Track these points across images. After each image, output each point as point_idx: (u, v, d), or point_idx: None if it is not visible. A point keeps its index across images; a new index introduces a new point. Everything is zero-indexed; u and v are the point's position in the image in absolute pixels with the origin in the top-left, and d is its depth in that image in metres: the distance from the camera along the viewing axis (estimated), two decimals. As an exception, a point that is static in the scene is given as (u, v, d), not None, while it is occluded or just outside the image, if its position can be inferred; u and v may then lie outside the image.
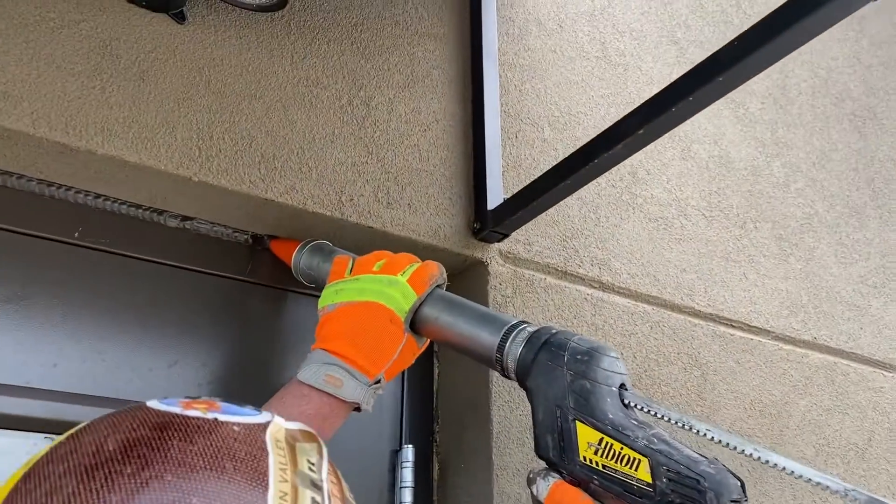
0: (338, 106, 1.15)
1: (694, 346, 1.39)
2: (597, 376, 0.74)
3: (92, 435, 0.43)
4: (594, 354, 0.76)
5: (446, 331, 0.89)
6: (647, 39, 1.70)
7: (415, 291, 0.89)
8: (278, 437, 0.46)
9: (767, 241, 1.66)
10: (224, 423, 0.45)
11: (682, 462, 0.67)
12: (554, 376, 0.76)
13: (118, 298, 1.02)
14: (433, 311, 0.90)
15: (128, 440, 0.42)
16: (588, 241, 1.35)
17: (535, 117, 1.39)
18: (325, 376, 0.83)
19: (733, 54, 0.81)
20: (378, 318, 0.87)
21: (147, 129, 0.97)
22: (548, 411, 0.76)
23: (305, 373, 0.85)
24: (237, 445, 0.43)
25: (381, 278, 0.90)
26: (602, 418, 0.72)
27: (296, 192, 1.05)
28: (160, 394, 0.99)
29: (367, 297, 0.89)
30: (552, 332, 0.80)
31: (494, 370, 0.86)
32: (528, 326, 0.84)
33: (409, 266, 0.92)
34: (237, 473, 0.41)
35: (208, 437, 0.43)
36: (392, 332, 0.88)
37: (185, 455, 0.41)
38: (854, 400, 1.61)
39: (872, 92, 2.25)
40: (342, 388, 0.83)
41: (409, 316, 0.89)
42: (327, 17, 1.21)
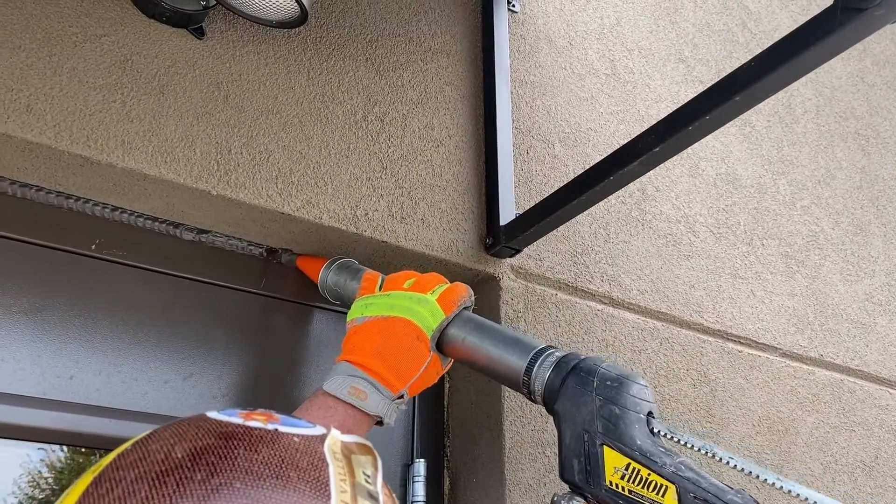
0: (353, 121, 1.16)
1: (703, 363, 1.40)
2: (626, 402, 0.74)
3: (159, 443, 0.44)
4: (624, 381, 0.76)
5: (473, 352, 0.89)
6: (655, 57, 1.72)
7: (443, 311, 0.90)
8: (335, 448, 0.47)
9: (774, 257, 1.67)
10: (284, 434, 0.46)
11: (710, 490, 0.68)
12: (583, 401, 0.77)
13: (134, 311, 1.02)
14: (460, 332, 0.91)
15: (195, 448, 0.43)
16: (598, 257, 1.35)
17: (545, 133, 1.40)
18: (350, 388, 0.84)
19: (750, 74, 0.82)
20: (405, 334, 0.88)
21: (167, 142, 0.98)
22: (575, 435, 0.76)
23: (331, 384, 0.85)
24: (299, 456, 0.44)
25: (412, 295, 0.91)
26: (630, 444, 0.72)
27: (312, 207, 1.05)
28: (176, 406, 1.00)
29: (397, 313, 0.90)
30: (581, 358, 0.81)
31: (520, 393, 0.86)
32: (556, 351, 0.84)
33: (438, 286, 0.93)
34: (301, 483, 0.42)
35: (271, 448, 0.44)
36: (418, 349, 0.88)
37: (252, 464, 0.42)
38: (861, 417, 1.61)
39: (876, 111, 2.26)
40: (366, 401, 0.84)
41: (436, 335, 0.90)
42: (343, 34, 1.22)
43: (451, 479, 1.18)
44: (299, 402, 1.08)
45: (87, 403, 0.94)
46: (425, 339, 0.89)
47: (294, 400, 1.10)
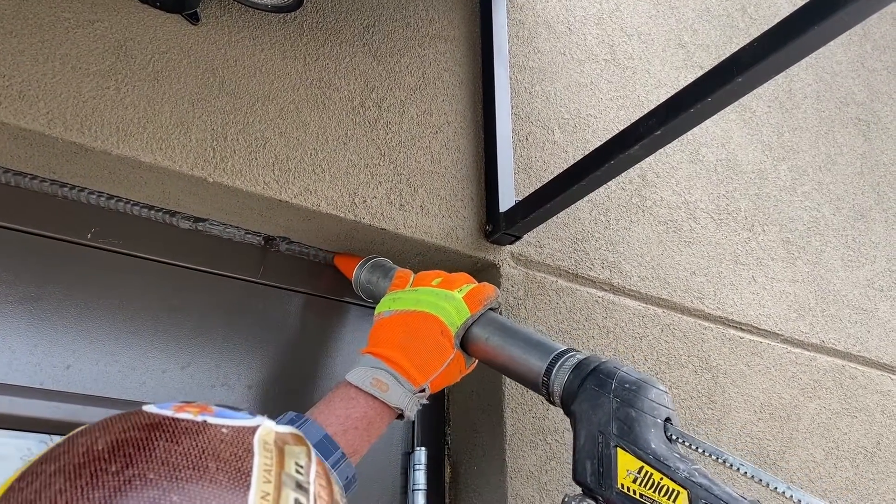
0: (350, 107, 1.15)
1: (704, 349, 1.39)
2: (643, 406, 0.74)
3: (85, 436, 0.44)
4: (642, 385, 0.76)
5: (495, 352, 0.90)
6: (655, 42, 1.70)
7: (469, 309, 0.91)
8: (267, 439, 0.46)
9: (775, 244, 1.66)
10: (212, 426, 0.45)
11: (722, 497, 0.67)
12: (600, 402, 0.76)
13: (131, 300, 1.01)
14: (484, 331, 0.91)
15: (117, 441, 0.43)
16: (598, 243, 1.34)
17: (545, 119, 1.39)
18: (373, 379, 0.84)
19: (752, 55, 0.80)
20: (430, 329, 0.89)
21: (162, 129, 0.96)
22: (590, 436, 0.76)
23: (354, 374, 0.86)
24: (223, 447, 0.44)
25: (439, 292, 0.92)
26: (645, 447, 0.72)
27: (310, 194, 1.04)
28: (173, 395, 0.99)
29: (423, 308, 0.90)
30: (601, 361, 0.81)
31: (540, 395, 0.86)
32: (577, 354, 0.84)
33: (465, 285, 0.94)
34: (219, 473, 0.42)
35: (195, 439, 0.44)
36: (442, 344, 0.89)
37: (169, 455, 0.42)
38: (862, 403, 1.61)
39: (877, 96, 2.25)
40: (388, 393, 0.84)
41: (461, 332, 0.90)
42: (339, 19, 1.21)
43: (452, 466, 1.18)
44: (296, 390, 1.08)
45: (83, 393, 0.93)
46: (449, 335, 0.89)
47: (292, 388, 1.09)
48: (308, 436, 0.80)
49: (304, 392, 1.10)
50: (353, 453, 0.82)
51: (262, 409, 1.05)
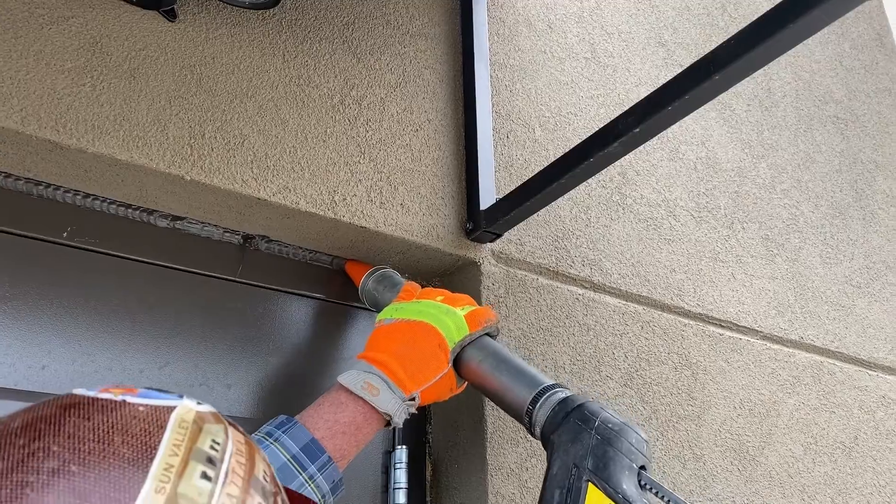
0: (330, 105, 1.14)
1: (684, 346, 1.40)
2: (622, 447, 0.75)
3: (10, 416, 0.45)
4: (625, 428, 0.77)
5: (485, 376, 0.91)
6: (635, 41, 1.71)
7: (469, 327, 0.92)
8: (185, 417, 0.47)
9: (754, 241, 1.67)
10: (130, 404, 0.46)
11: None
12: (580, 437, 0.77)
13: (108, 299, 1.00)
14: (478, 354, 0.92)
15: (33, 418, 0.44)
16: (579, 241, 1.35)
17: (525, 117, 1.39)
18: (364, 383, 0.85)
19: (729, 53, 0.81)
20: (428, 340, 0.90)
21: (138, 127, 0.95)
22: (564, 466, 0.77)
23: (346, 377, 0.87)
24: (134, 423, 0.44)
25: (441, 306, 0.94)
26: (616, 486, 0.73)
27: (289, 192, 1.04)
28: (151, 396, 0.98)
29: (424, 318, 0.92)
30: (588, 400, 0.82)
31: (521, 424, 0.87)
32: (565, 390, 0.86)
33: (468, 305, 0.96)
34: (124, 446, 0.43)
35: (107, 415, 0.44)
36: (438, 357, 0.90)
37: (77, 430, 0.43)
38: (840, 399, 1.63)
39: (854, 95, 2.27)
40: (378, 397, 0.84)
41: (457, 349, 0.91)
42: (319, 16, 1.20)
43: (434, 465, 1.18)
44: (278, 390, 1.07)
45: (59, 393, 0.92)
46: (446, 349, 0.90)
47: (273, 388, 1.09)
48: (294, 439, 0.80)
49: (285, 392, 1.10)
50: (340, 458, 0.82)
51: (243, 410, 1.05)
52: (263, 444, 0.80)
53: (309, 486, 0.77)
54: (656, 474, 1.24)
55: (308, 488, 0.77)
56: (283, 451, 0.78)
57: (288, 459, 0.77)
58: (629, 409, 1.26)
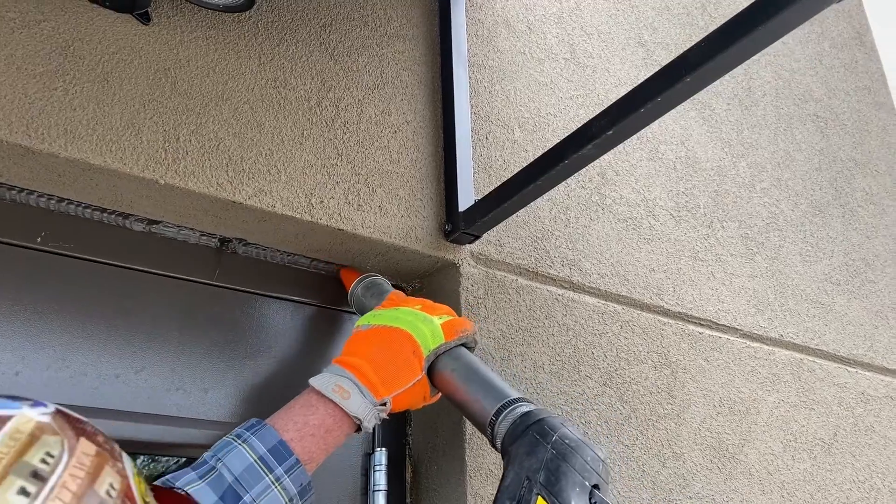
0: (306, 107, 1.14)
1: (664, 345, 1.40)
2: (575, 464, 0.75)
3: None
4: (581, 445, 0.77)
5: (455, 386, 0.91)
6: (615, 41, 1.71)
7: (444, 336, 0.93)
8: (22, 428, 0.47)
9: (734, 239, 1.68)
10: None
11: None
12: (536, 450, 0.77)
13: (83, 304, 0.99)
14: (451, 363, 0.93)
15: None
16: (558, 241, 1.35)
17: (505, 119, 1.40)
18: (336, 386, 0.85)
19: (701, 55, 0.81)
20: (402, 345, 0.90)
21: (112, 131, 0.95)
22: (516, 478, 0.77)
23: (318, 379, 0.87)
24: None
25: (419, 314, 0.94)
26: (564, 502, 0.73)
27: (265, 195, 1.03)
28: (128, 401, 0.98)
29: (399, 325, 0.92)
30: (551, 415, 0.82)
31: (485, 436, 0.87)
32: (528, 404, 0.86)
33: (446, 315, 0.97)
34: None
35: None
36: (411, 363, 0.90)
37: None
38: (820, 396, 1.64)
39: (834, 93, 2.29)
40: (348, 401, 0.85)
41: (432, 357, 0.92)
42: (295, 18, 1.20)
43: (413, 466, 1.18)
44: (255, 394, 1.07)
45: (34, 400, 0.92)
46: (420, 356, 0.91)
47: (250, 392, 1.08)
48: (263, 441, 0.80)
49: (263, 396, 1.09)
50: (308, 460, 0.82)
51: (221, 414, 1.04)
52: (232, 445, 0.80)
53: (275, 487, 0.77)
54: (630, 476, 1.25)
55: (275, 490, 0.77)
56: (251, 453, 0.78)
57: (255, 460, 0.77)
58: (608, 408, 1.27)
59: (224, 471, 0.76)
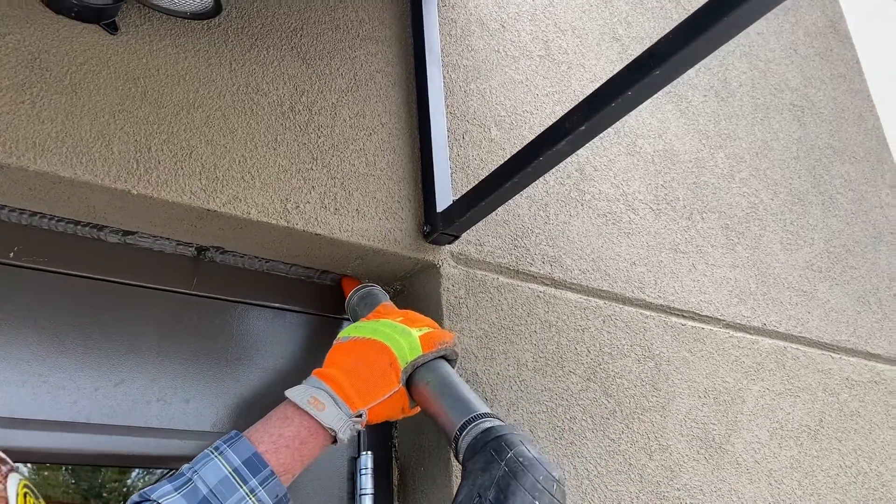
0: (279, 112, 1.13)
1: (647, 338, 1.41)
2: (526, 483, 0.75)
3: None
4: (535, 464, 0.77)
5: (428, 398, 0.92)
6: (590, 37, 1.72)
7: (422, 348, 0.93)
8: None
9: (714, 230, 1.69)
10: None
11: None
12: (490, 466, 0.78)
13: (59, 318, 0.99)
14: (427, 376, 0.93)
15: None
16: (538, 239, 1.35)
17: (481, 117, 1.39)
18: (311, 398, 0.86)
19: (668, 48, 0.82)
20: (379, 357, 0.91)
21: (82, 142, 0.94)
22: (469, 495, 0.77)
23: (294, 391, 0.88)
24: None
25: (396, 326, 0.95)
26: None
27: (239, 202, 1.03)
28: (108, 414, 0.97)
29: (377, 337, 0.93)
30: (513, 432, 0.82)
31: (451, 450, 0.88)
32: (493, 419, 0.86)
33: (426, 327, 0.97)
34: None
35: None
36: (388, 375, 0.90)
37: None
38: (805, 383, 1.65)
39: (810, 82, 2.31)
40: (323, 412, 0.85)
41: (409, 369, 0.92)
42: (266, 24, 1.19)
43: (400, 469, 1.18)
44: (238, 401, 1.07)
45: (11, 417, 0.91)
46: (397, 368, 0.91)
47: (233, 399, 1.08)
48: (237, 453, 0.80)
49: (245, 405, 1.09)
50: (283, 472, 0.82)
51: (204, 424, 1.04)
52: (208, 457, 0.80)
53: (250, 499, 0.77)
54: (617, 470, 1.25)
55: (249, 502, 0.77)
56: (225, 465, 0.78)
57: (229, 472, 0.77)
58: (593, 402, 1.27)
59: (199, 483, 0.76)
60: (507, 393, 1.17)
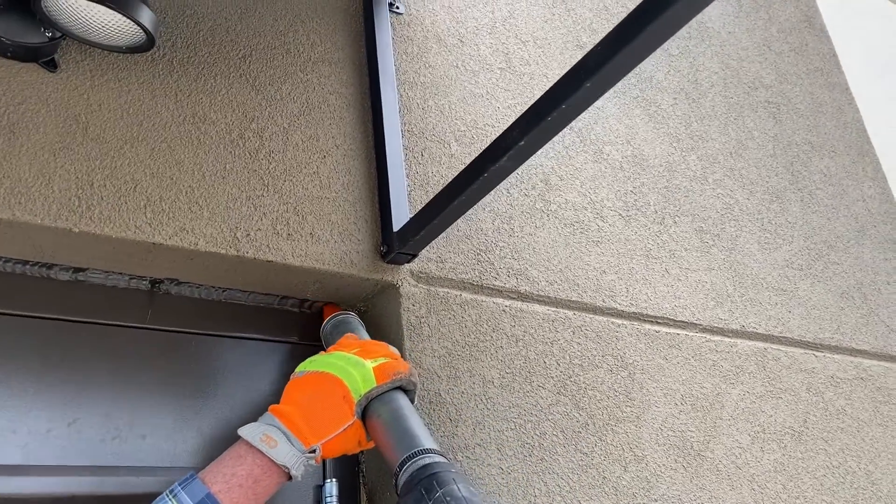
0: (228, 140, 1.13)
1: (619, 347, 1.39)
2: None
3: None
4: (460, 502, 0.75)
5: (378, 432, 0.90)
6: (552, 46, 1.71)
7: (376, 380, 0.92)
8: None
9: (688, 234, 1.68)
10: None
11: None
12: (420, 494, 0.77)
13: (7, 360, 0.98)
14: (380, 407, 0.91)
15: None
16: (503, 252, 1.34)
17: (440, 133, 1.39)
18: (263, 435, 0.85)
19: (598, 59, 0.81)
20: (332, 391, 0.90)
21: (20, 183, 0.94)
22: None
23: (246, 429, 0.87)
24: None
25: (350, 357, 0.94)
26: None
27: (186, 233, 1.02)
28: (61, 455, 0.96)
29: (330, 370, 0.92)
30: (449, 470, 0.80)
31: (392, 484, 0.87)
32: (434, 457, 0.84)
33: (382, 357, 0.96)
34: None
35: None
36: (341, 408, 0.89)
37: None
38: (787, 383, 1.63)
39: (785, 78, 2.29)
40: (275, 449, 0.84)
41: (364, 401, 0.91)
42: (213, 52, 1.19)
43: (368, 495, 1.16)
44: (196, 434, 1.05)
45: (-41, 463, 0.90)
46: (351, 401, 0.90)
47: (191, 432, 1.07)
48: (191, 495, 0.79)
49: (204, 438, 1.08)
50: None
51: (161, 459, 1.02)
52: (164, 500, 0.79)
53: None
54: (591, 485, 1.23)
55: None
56: None
57: None
58: (564, 416, 1.25)
59: None
60: (472, 412, 1.16)
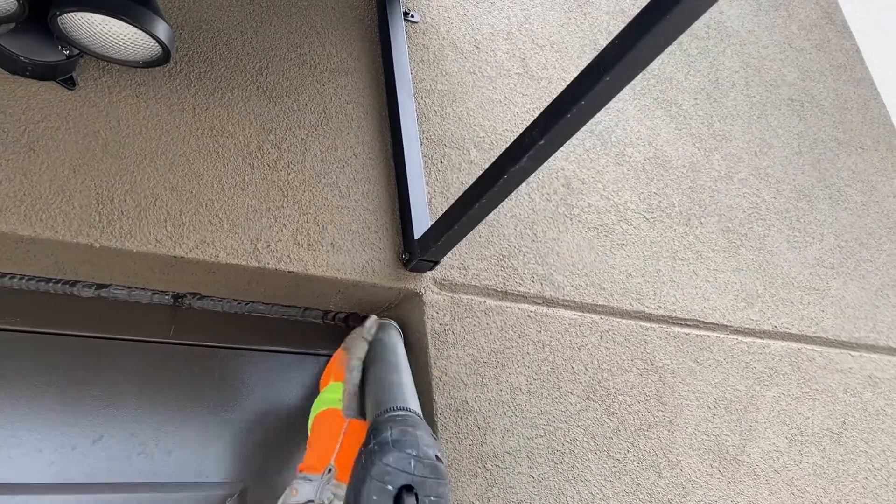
0: (246, 152, 1.13)
1: (648, 351, 1.36)
2: (373, 472, 0.73)
3: None
4: (383, 447, 0.75)
5: None
6: (569, 50, 1.70)
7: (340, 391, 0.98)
8: None
9: (714, 234, 1.65)
10: None
11: None
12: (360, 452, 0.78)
13: (33, 379, 0.98)
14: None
15: None
16: (527, 258, 1.32)
17: (459, 140, 1.38)
18: (290, 490, 0.90)
19: (615, 54, 0.79)
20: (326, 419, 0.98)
21: (41, 200, 0.94)
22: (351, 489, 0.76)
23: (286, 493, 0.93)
24: None
25: (328, 388, 1.02)
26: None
27: (207, 246, 1.02)
28: (87, 473, 0.96)
29: (321, 407, 1.01)
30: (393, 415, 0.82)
31: None
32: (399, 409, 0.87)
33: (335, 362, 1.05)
34: None
35: None
36: (333, 424, 0.96)
37: None
38: (823, 384, 1.58)
39: (808, 75, 2.26)
40: (297, 496, 0.89)
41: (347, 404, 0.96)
42: (230, 65, 1.19)
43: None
44: (221, 449, 1.04)
45: (-14, 482, 0.90)
46: (338, 413, 0.96)
47: (217, 446, 1.06)
48: None
49: (230, 451, 1.07)
50: None
51: (188, 474, 1.02)
52: None
53: None
54: (625, 492, 1.20)
55: None
56: None
57: None
58: (594, 422, 1.23)
59: None
60: (500, 420, 1.14)
